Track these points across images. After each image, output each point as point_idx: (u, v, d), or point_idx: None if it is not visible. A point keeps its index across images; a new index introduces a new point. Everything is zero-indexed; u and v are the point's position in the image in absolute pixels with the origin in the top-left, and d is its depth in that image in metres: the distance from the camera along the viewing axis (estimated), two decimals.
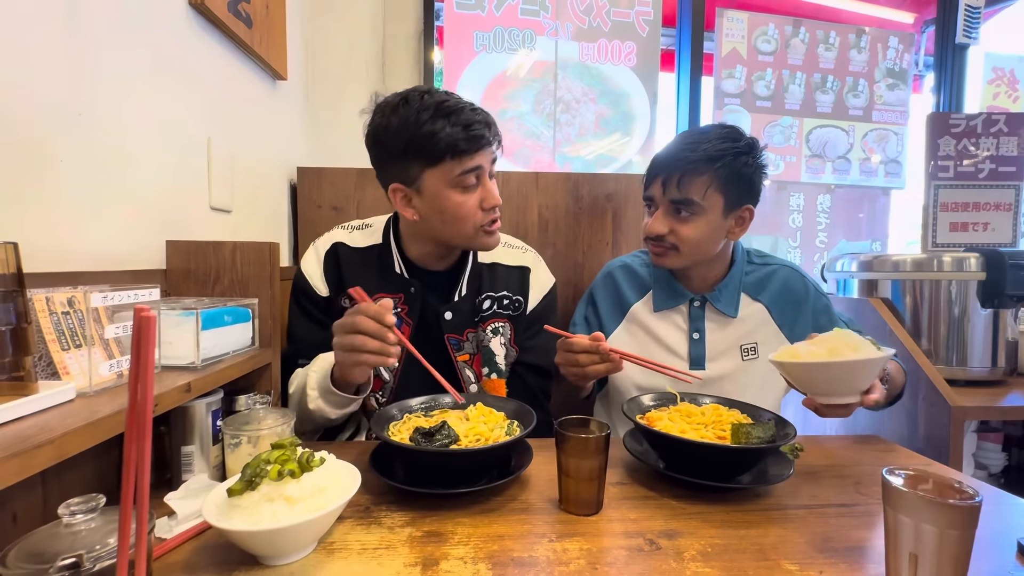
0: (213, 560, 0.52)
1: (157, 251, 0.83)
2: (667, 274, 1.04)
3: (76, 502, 0.41)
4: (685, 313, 1.02)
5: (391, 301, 0.77)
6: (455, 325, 0.95)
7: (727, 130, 0.93)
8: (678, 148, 0.92)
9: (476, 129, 0.83)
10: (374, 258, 0.96)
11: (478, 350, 0.97)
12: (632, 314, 1.06)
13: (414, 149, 0.82)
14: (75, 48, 0.67)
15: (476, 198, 0.87)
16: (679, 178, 0.91)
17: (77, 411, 0.48)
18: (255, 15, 1.11)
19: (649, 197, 0.97)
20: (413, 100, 0.83)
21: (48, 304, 0.53)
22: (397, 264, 0.95)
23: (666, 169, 0.92)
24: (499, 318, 0.99)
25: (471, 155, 0.83)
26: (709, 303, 1.01)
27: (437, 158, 0.82)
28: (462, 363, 0.96)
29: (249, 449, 0.67)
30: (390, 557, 0.53)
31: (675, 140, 0.95)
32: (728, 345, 1.01)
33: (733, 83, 2.08)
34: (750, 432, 0.68)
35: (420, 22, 1.79)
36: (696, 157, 0.90)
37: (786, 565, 0.52)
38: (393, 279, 0.95)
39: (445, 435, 0.66)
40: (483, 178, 0.87)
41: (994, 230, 1.72)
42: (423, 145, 0.82)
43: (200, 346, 0.67)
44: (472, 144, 0.83)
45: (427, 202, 0.87)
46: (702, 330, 1.01)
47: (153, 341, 0.33)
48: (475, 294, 0.98)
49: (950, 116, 1.75)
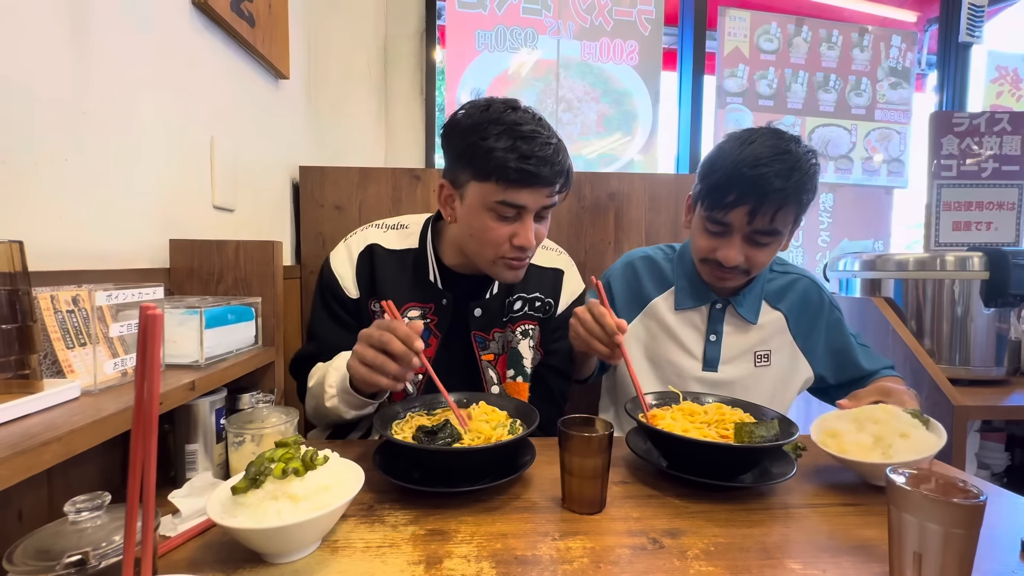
0: (217, 558, 0.53)
1: (161, 250, 0.83)
2: (692, 273, 1.01)
3: (82, 499, 0.41)
4: (705, 314, 1.01)
5: (422, 324, 0.74)
6: (483, 323, 0.93)
7: (804, 147, 0.86)
8: (767, 175, 0.82)
9: (532, 164, 0.77)
10: (409, 263, 0.93)
11: (503, 351, 0.96)
12: (651, 308, 1.04)
13: (468, 155, 0.80)
14: (79, 47, 0.67)
15: (508, 230, 0.82)
16: (775, 212, 0.84)
17: (82, 409, 0.49)
18: (258, 14, 1.11)
19: (724, 222, 0.88)
20: (495, 109, 0.80)
21: (53, 302, 0.53)
22: (432, 272, 0.92)
23: (756, 199, 0.83)
24: (529, 320, 0.98)
25: (517, 189, 0.79)
26: (731, 306, 1.00)
27: (484, 175, 0.79)
28: (486, 363, 0.94)
29: (252, 447, 0.67)
30: (394, 555, 0.53)
31: (747, 159, 0.83)
32: (743, 350, 1.00)
33: (735, 82, 2.07)
34: (753, 431, 0.67)
35: (422, 21, 1.79)
36: (791, 188, 0.82)
37: (790, 564, 0.52)
38: (426, 289, 0.92)
39: (448, 433, 0.66)
40: (524, 216, 0.82)
41: (997, 229, 1.71)
42: (476, 155, 0.78)
43: (204, 344, 0.67)
44: (521, 177, 0.78)
45: (465, 212, 0.84)
46: (720, 332, 1.00)
47: (159, 339, 0.33)
48: (506, 294, 0.96)
49: (953, 115, 1.75)
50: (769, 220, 0.85)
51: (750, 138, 0.87)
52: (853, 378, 1.02)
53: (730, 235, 0.89)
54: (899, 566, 0.47)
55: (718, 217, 0.88)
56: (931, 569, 0.44)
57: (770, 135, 0.87)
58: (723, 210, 0.87)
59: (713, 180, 0.87)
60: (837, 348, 1.03)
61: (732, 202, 0.85)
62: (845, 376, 1.03)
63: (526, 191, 0.79)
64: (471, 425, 0.71)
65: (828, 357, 1.03)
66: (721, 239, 0.90)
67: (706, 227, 0.91)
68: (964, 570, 0.44)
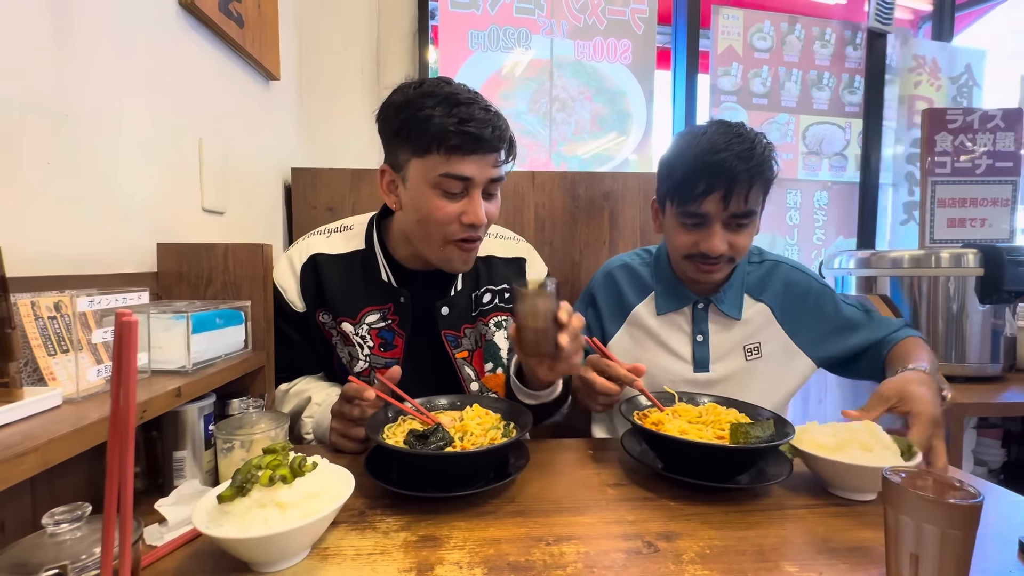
0: (205, 567, 0.52)
1: (149, 254, 0.82)
2: (670, 275, 1.01)
3: (61, 511, 0.40)
4: (688, 315, 1.00)
5: (398, 370, 0.76)
6: (451, 321, 0.91)
7: (753, 131, 0.89)
8: (729, 158, 0.84)
9: (473, 127, 0.74)
10: (357, 266, 0.90)
11: (477, 345, 0.94)
12: (634, 316, 1.03)
13: (406, 130, 0.77)
14: (63, 48, 0.66)
15: (456, 208, 0.79)
16: (747, 192, 0.86)
17: (63, 418, 0.47)
18: (247, 15, 1.10)
19: (699, 214, 0.88)
20: (429, 84, 0.79)
21: (34, 309, 0.52)
22: (384, 271, 0.90)
23: (727, 183, 0.85)
24: (502, 311, 0.96)
25: (460, 157, 0.76)
26: (713, 305, 0.99)
27: (424, 147, 0.76)
28: (461, 360, 0.92)
29: (242, 454, 0.66)
30: (384, 563, 0.52)
31: (706, 148, 0.86)
32: (731, 346, 0.99)
33: (729, 80, 2.07)
34: (749, 431, 0.67)
35: (415, 21, 1.78)
36: (755, 166, 0.85)
37: (786, 566, 0.52)
38: (380, 290, 0.89)
39: (440, 438, 0.65)
40: (472, 191, 0.79)
41: (991, 226, 1.71)
42: (414, 128, 0.76)
43: (191, 350, 0.66)
44: (462, 142, 0.74)
45: (409, 196, 0.81)
46: (706, 332, 0.99)
47: (135, 346, 0.32)
48: (472, 288, 0.94)
49: (947, 111, 1.75)
50: (744, 201, 0.87)
51: (701, 131, 0.90)
52: (865, 347, 0.99)
53: (708, 225, 0.89)
54: (896, 568, 0.46)
55: (692, 209, 0.89)
56: (928, 570, 0.44)
57: (718, 125, 0.90)
58: (696, 201, 0.88)
59: (679, 176, 0.89)
60: (836, 326, 1.00)
61: (703, 191, 0.86)
62: (856, 348, 1.00)
63: (470, 160, 0.76)
64: (463, 426, 0.70)
65: (828, 337, 1.01)
66: (700, 231, 0.90)
67: (682, 223, 0.92)
68: (961, 571, 0.44)
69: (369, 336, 0.89)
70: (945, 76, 2.22)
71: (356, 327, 0.89)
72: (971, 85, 2.25)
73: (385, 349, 0.90)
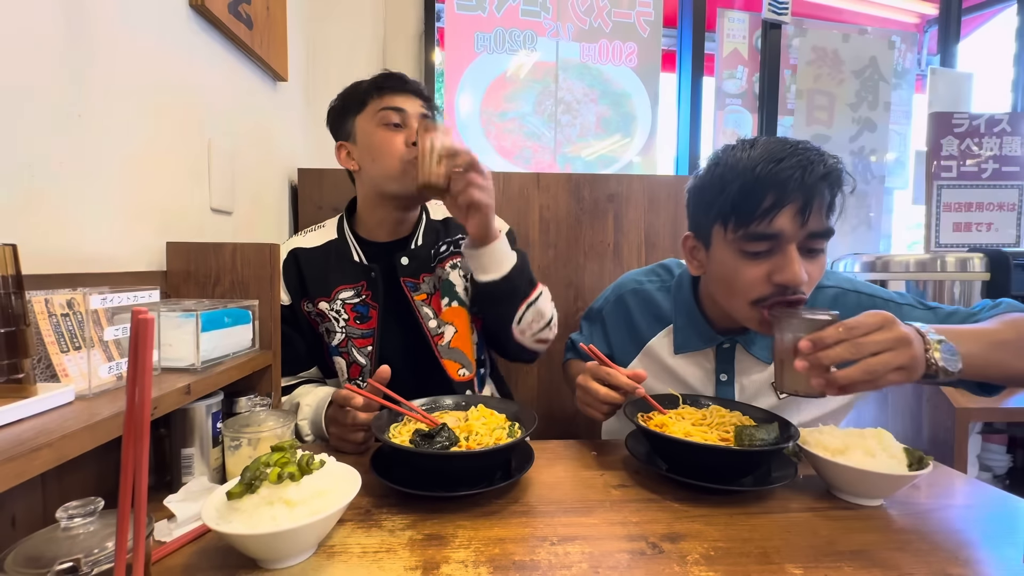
0: (213, 563, 0.52)
1: (157, 253, 0.83)
2: (691, 308, 0.88)
3: (74, 505, 0.41)
4: (711, 355, 0.88)
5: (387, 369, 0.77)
6: (411, 270, 0.99)
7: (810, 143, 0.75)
8: (799, 164, 0.69)
9: (394, 74, 0.99)
10: (332, 253, 1.00)
11: (435, 289, 1.00)
12: (649, 349, 0.92)
13: (346, 104, 0.99)
14: (75, 49, 0.67)
15: (400, 136, 0.95)
16: (828, 203, 0.71)
17: (76, 414, 0.48)
18: (256, 16, 1.11)
19: (771, 234, 0.71)
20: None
21: (47, 306, 0.52)
22: (355, 252, 1.00)
23: (803, 193, 0.69)
24: (457, 255, 1.02)
25: (391, 95, 0.96)
26: (740, 345, 0.86)
27: (361, 101, 0.97)
28: (419, 302, 0.98)
29: (249, 451, 0.67)
30: (390, 560, 0.52)
31: (764, 157, 0.71)
32: (760, 387, 0.87)
33: (734, 83, 2.07)
34: (754, 434, 0.67)
35: (421, 23, 1.79)
36: (831, 171, 0.71)
37: (790, 568, 0.52)
38: (352, 269, 0.99)
39: (445, 437, 0.66)
40: (408, 121, 0.95)
41: (997, 230, 1.71)
42: (352, 95, 0.99)
43: (200, 348, 0.66)
44: (389, 82, 0.97)
45: (360, 147, 0.98)
46: (731, 373, 0.87)
47: (151, 343, 0.32)
48: (432, 243, 1.03)
49: (953, 116, 1.75)
50: (824, 215, 0.71)
51: (748, 143, 0.76)
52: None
53: (782, 248, 0.71)
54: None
55: (761, 230, 0.71)
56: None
57: (768, 138, 0.77)
58: (764, 219, 0.70)
59: (735, 190, 0.72)
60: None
61: (773, 205, 0.70)
62: None
63: (399, 96, 0.96)
64: (467, 427, 0.71)
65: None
66: (772, 258, 0.72)
67: (745, 251, 0.73)
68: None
69: (344, 310, 0.97)
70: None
71: (331, 303, 0.97)
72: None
73: (360, 322, 0.98)
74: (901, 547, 0.56)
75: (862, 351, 0.58)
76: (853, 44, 2.11)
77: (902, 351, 0.58)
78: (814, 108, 2.08)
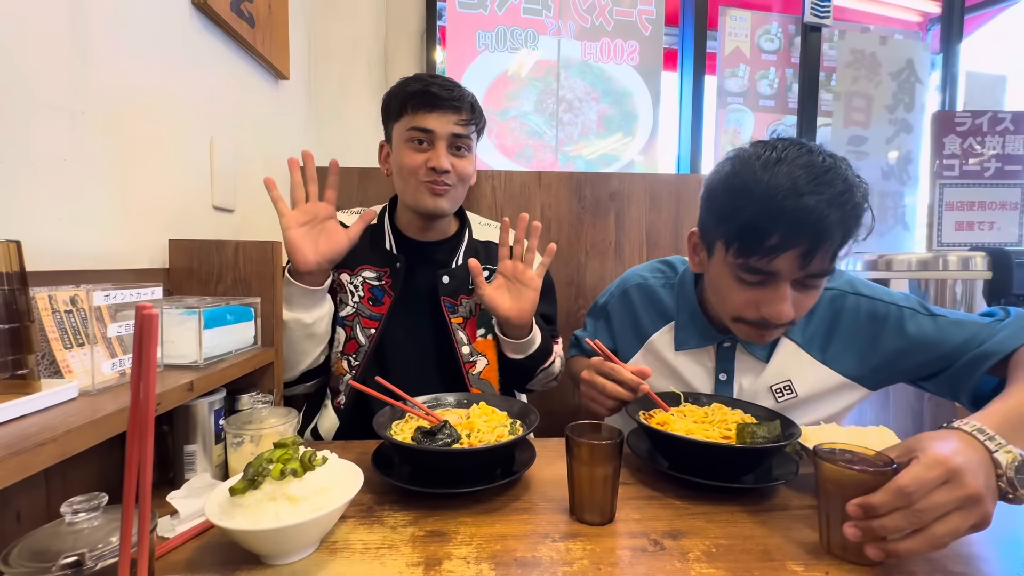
0: (216, 559, 0.52)
1: (160, 250, 0.83)
2: (694, 307, 0.88)
3: (78, 500, 0.41)
4: (712, 353, 0.88)
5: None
6: (451, 289, 1.00)
7: (838, 157, 0.69)
8: (815, 206, 0.64)
9: (433, 89, 0.92)
10: (367, 235, 1.01)
11: (472, 314, 1.02)
12: (651, 344, 0.92)
13: (389, 107, 0.98)
14: (78, 47, 0.67)
15: (423, 156, 0.94)
16: (835, 248, 0.67)
17: (80, 409, 0.48)
18: (258, 15, 1.11)
19: (767, 272, 0.69)
20: (417, 74, 0.97)
21: (51, 302, 0.53)
22: (388, 240, 1.03)
23: (811, 238, 0.65)
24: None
25: (424, 113, 0.93)
26: (740, 345, 0.86)
27: (397, 112, 0.96)
28: (456, 325, 0.99)
29: (252, 448, 0.67)
30: (392, 557, 0.53)
31: (784, 186, 0.65)
32: (759, 388, 0.86)
33: (736, 82, 2.07)
34: (755, 432, 0.67)
35: (422, 22, 1.79)
36: (849, 214, 0.66)
37: (791, 566, 0.52)
38: (381, 253, 1.01)
39: (447, 434, 0.66)
40: (436, 143, 0.94)
41: (1000, 229, 1.71)
42: (393, 99, 0.97)
43: (202, 345, 0.67)
44: (424, 100, 0.92)
45: (393, 156, 0.99)
46: (730, 372, 0.87)
47: (155, 339, 0.32)
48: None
49: (955, 114, 1.75)
50: (828, 259, 0.68)
51: (774, 157, 0.68)
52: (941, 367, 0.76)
53: (775, 283, 0.70)
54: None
55: (758, 266, 0.69)
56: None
57: (796, 150, 0.68)
58: (765, 256, 0.67)
59: (743, 220, 0.68)
60: (895, 348, 0.79)
61: (776, 245, 0.66)
62: (929, 369, 0.78)
63: (432, 115, 0.93)
64: (470, 424, 0.71)
65: (890, 361, 0.80)
66: (763, 289, 0.71)
67: (739, 277, 0.72)
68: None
69: (361, 288, 1.00)
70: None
71: (352, 277, 1.00)
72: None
73: (373, 304, 0.99)
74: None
75: (923, 518, 0.47)
76: (890, 47, 2.13)
77: (972, 510, 0.47)
78: (851, 110, 2.10)
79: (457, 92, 0.94)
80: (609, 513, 0.61)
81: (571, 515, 0.62)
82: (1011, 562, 0.54)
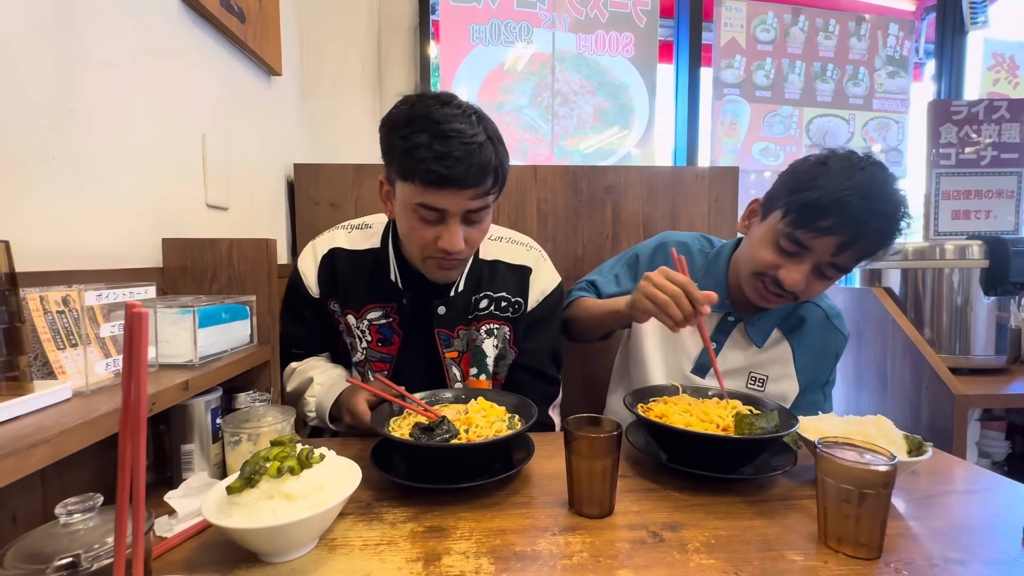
0: (214, 558, 0.52)
1: (153, 249, 0.82)
2: (721, 278, 0.95)
3: (73, 502, 0.41)
4: (714, 320, 0.96)
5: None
6: (447, 320, 0.92)
7: (902, 191, 0.80)
8: (874, 212, 0.76)
9: (446, 167, 0.71)
10: (370, 264, 0.93)
11: (467, 348, 0.95)
12: None
13: (392, 154, 0.77)
14: (66, 44, 0.66)
15: (433, 233, 0.79)
16: (865, 253, 0.80)
17: (73, 410, 0.48)
18: (248, 10, 1.10)
19: (804, 246, 0.80)
20: (422, 105, 0.75)
21: (43, 303, 0.52)
22: (393, 272, 0.92)
23: (855, 234, 0.77)
24: (496, 320, 0.95)
25: (436, 191, 0.74)
26: (742, 324, 0.95)
27: (403, 175, 0.76)
28: (449, 360, 0.94)
29: (249, 447, 0.67)
30: (392, 553, 0.52)
31: (856, 186, 0.76)
32: (739, 367, 0.96)
33: (732, 73, 2.06)
34: (754, 423, 0.67)
35: (416, 16, 1.77)
36: (889, 231, 0.78)
37: (790, 556, 0.52)
38: (386, 288, 0.91)
39: (445, 430, 0.66)
40: (448, 219, 0.78)
41: (996, 217, 1.71)
42: (397, 153, 0.75)
43: (197, 344, 0.66)
44: (436, 179, 0.73)
45: (397, 210, 0.83)
46: (721, 343, 0.96)
47: (145, 338, 0.32)
48: (472, 291, 0.94)
49: (951, 103, 1.74)
50: (855, 259, 0.80)
51: (860, 163, 0.79)
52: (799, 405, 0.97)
53: (802, 258, 0.81)
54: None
55: (801, 238, 0.79)
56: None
57: (880, 168, 0.79)
58: (812, 233, 0.78)
59: (812, 197, 0.77)
60: (813, 380, 0.98)
61: (826, 228, 0.77)
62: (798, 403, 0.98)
63: (445, 193, 0.75)
64: (469, 419, 0.70)
65: (811, 385, 0.99)
66: (790, 259, 0.81)
67: (779, 242, 0.82)
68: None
69: (368, 332, 0.94)
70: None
71: (358, 320, 0.94)
72: None
73: (383, 345, 0.94)
74: (901, 532, 0.56)
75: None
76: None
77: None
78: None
79: (477, 162, 0.73)
80: (608, 506, 0.61)
81: (570, 508, 0.62)
82: (1007, 548, 0.54)
